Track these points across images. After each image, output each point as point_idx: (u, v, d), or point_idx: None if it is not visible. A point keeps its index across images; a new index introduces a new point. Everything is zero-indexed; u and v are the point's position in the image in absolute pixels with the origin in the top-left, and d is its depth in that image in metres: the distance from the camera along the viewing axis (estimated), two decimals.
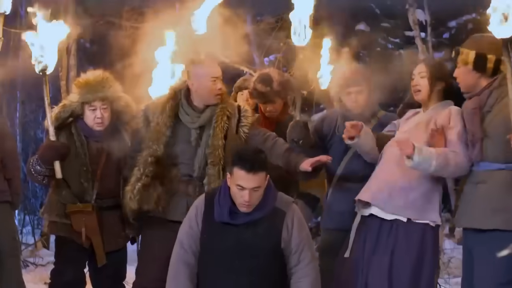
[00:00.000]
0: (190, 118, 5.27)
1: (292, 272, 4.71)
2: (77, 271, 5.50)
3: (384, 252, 4.96)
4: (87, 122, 5.50)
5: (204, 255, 4.70)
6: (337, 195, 5.52)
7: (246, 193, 4.54)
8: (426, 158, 4.74)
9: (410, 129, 5.09)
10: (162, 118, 5.23)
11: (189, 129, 5.28)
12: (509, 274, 4.61)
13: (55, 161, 5.34)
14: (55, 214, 5.49)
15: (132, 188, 5.20)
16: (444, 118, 4.94)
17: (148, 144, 5.22)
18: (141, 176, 5.19)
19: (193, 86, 5.26)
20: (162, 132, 5.22)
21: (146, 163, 5.19)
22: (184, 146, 5.26)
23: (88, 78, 5.51)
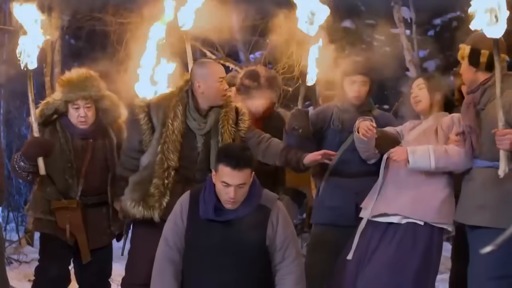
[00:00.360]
0: (197, 124, 5.22)
1: (276, 269, 4.71)
2: (61, 268, 5.48)
3: (387, 247, 5.04)
4: (71, 120, 5.48)
5: (189, 252, 4.69)
6: (329, 190, 5.51)
7: (232, 190, 4.53)
8: (422, 155, 4.93)
9: (419, 135, 5.20)
10: (177, 125, 5.16)
11: (195, 134, 5.23)
12: (500, 268, 4.68)
13: (38, 157, 5.33)
14: (40, 211, 5.48)
15: (159, 203, 5.11)
16: (448, 122, 5.11)
17: (167, 155, 5.13)
18: (165, 190, 5.13)
19: (200, 88, 5.17)
20: (178, 141, 5.17)
21: (169, 177, 5.13)
22: (188, 151, 5.21)
23: (71, 77, 5.48)
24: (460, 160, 4.92)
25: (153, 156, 5.18)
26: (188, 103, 5.22)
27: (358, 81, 5.44)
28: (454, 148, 4.96)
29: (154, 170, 5.15)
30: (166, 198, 5.13)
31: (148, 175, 5.18)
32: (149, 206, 5.13)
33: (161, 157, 5.14)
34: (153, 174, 5.15)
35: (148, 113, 5.22)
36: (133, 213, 5.16)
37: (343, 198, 5.28)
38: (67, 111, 5.49)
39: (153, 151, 5.19)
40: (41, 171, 5.35)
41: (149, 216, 5.13)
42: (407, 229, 5.04)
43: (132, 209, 5.16)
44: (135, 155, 5.28)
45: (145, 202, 5.14)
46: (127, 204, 5.18)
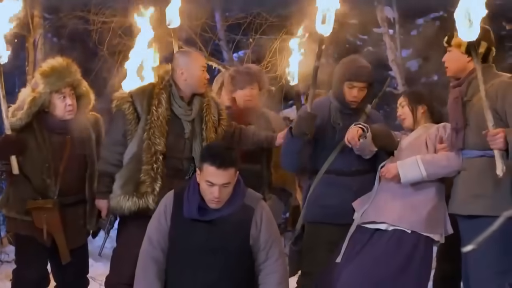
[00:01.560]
0: (184, 110, 5.29)
1: (260, 268, 4.71)
2: (40, 270, 5.40)
3: (371, 248, 5.09)
4: (57, 113, 5.38)
5: (172, 251, 4.68)
6: (324, 188, 5.41)
7: (216, 189, 4.53)
8: (411, 167, 5.04)
9: (410, 145, 5.27)
10: (162, 112, 5.22)
11: (181, 122, 5.28)
12: (503, 263, 4.77)
13: (11, 156, 5.25)
14: (14, 211, 5.37)
15: (152, 188, 5.14)
16: (435, 133, 5.21)
17: (153, 140, 5.17)
18: (155, 175, 5.15)
19: (183, 75, 5.26)
20: (164, 126, 5.21)
21: (158, 161, 5.16)
22: (175, 139, 5.26)
23: (54, 65, 5.40)
24: (449, 163, 4.99)
25: (139, 145, 5.19)
26: (172, 91, 5.28)
27: (358, 86, 5.41)
28: (441, 153, 5.06)
29: (141, 158, 5.17)
30: (158, 183, 5.15)
31: (136, 164, 5.19)
32: (142, 194, 5.14)
33: (148, 143, 5.17)
34: (141, 162, 5.16)
35: (132, 102, 5.25)
36: (128, 206, 5.15)
37: (340, 196, 5.27)
38: (49, 105, 5.39)
39: (138, 139, 5.20)
40: (14, 170, 5.26)
41: (144, 206, 5.13)
42: (393, 234, 5.09)
43: (126, 202, 5.15)
44: (119, 149, 5.27)
45: (138, 191, 5.15)
46: (120, 199, 5.17)
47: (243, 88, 5.88)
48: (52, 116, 5.40)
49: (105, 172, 5.29)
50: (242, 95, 5.88)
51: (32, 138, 5.35)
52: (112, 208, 5.25)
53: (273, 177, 5.79)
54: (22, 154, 5.28)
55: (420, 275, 5.10)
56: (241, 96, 5.89)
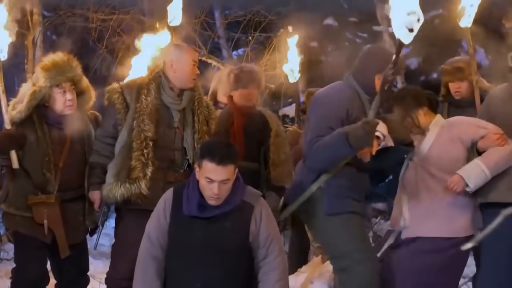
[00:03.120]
0: (173, 100, 5.33)
1: (260, 265, 4.70)
2: (39, 269, 5.38)
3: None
4: (56, 108, 5.37)
5: (172, 248, 4.68)
6: (346, 181, 5.09)
7: (215, 186, 4.53)
8: (478, 176, 5.00)
9: (437, 146, 5.17)
10: (151, 100, 5.25)
11: (171, 111, 5.32)
12: None
13: (10, 150, 5.25)
14: (13, 207, 5.36)
15: (143, 173, 5.17)
16: (466, 130, 5.15)
17: (142, 127, 5.20)
18: (146, 161, 5.18)
19: (172, 67, 5.31)
20: (153, 114, 5.24)
21: (148, 147, 5.19)
22: (165, 129, 5.30)
23: (55, 60, 5.40)
24: (509, 157, 5.05)
25: (129, 134, 5.23)
26: (161, 82, 5.33)
27: (390, 79, 5.20)
28: (497, 149, 5.04)
29: (132, 146, 5.20)
30: (149, 168, 5.18)
31: (127, 153, 5.21)
32: (134, 179, 5.17)
33: (138, 130, 5.21)
34: (132, 149, 5.20)
35: (122, 93, 5.31)
36: (121, 193, 5.17)
37: (361, 192, 5.17)
38: (49, 100, 5.39)
39: (128, 128, 5.24)
40: (14, 164, 5.25)
41: (137, 191, 5.15)
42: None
43: (118, 189, 5.17)
44: (110, 141, 5.30)
45: (129, 177, 5.18)
46: (112, 187, 5.19)
47: (246, 87, 5.89)
48: (52, 111, 5.40)
49: (97, 163, 5.33)
50: (245, 93, 5.89)
51: (32, 132, 5.34)
52: (104, 197, 5.27)
53: (271, 175, 5.80)
54: (22, 148, 5.28)
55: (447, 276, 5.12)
56: (243, 94, 5.90)
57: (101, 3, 10.92)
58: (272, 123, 5.96)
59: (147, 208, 5.09)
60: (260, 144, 5.84)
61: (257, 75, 5.94)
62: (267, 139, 5.86)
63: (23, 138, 5.29)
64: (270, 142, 5.85)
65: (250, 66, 6.16)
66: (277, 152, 5.83)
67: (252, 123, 5.85)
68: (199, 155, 4.67)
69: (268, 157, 5.85)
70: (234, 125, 5.83)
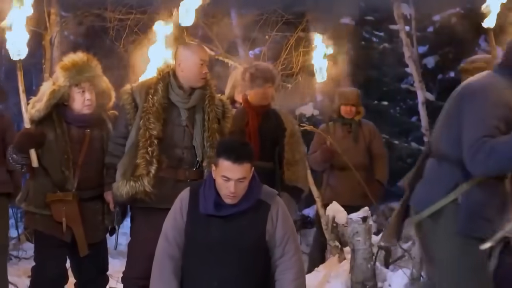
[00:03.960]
0: (181, 98, 5.34)
1: (276, 264, 4.70)
2: (58, 267, 5.41)
3: None
4: (75, 107, 5.42)
5: (189, 247, 4.69)
6: (485, 196, 4.26)
7: (232, 184, 4.53)
8: None
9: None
10: (157, 99, 5.27)
11: (179, 110, 5.33)
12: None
13: (30, 149, 5.28)
14: (33, 205, 5.40)
15: (147, 171, 5.20)
16: None
17: (148, 126, 5.23)
18: (151, 158, 5.21)
19: (180, 66, 5.33)
20: (160, 112, 5.26)
21: (153, 145, 5.22)
22: (174, 128, 5.32)
23: (74, 60, 5.44)
24: None
25: (136, 134, 5.27)
26: (170, 82, 5.35)
27: None
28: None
29: (138, 145, 5.23)
30: (153, 165, 5.20)
31: (134, 152, 5.25)
32: (138, 177, 5.20)
33: (143, 129, 5.25)
34: (138, 148, 5.23)
35: (132, 93, 5.35)
36: (126, 191, 5.20)
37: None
38: (68, 99, 5.43)
39: (136, 127, 5.28)
40: (34, 163, 5.29)
41: (141, 189, 5.18)
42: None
43: (124, 187, 5.20)
44: (122, 141, 5.35)
45: (134, 175, 5.21)
46: (119, 185, 5.23)
47: (261, 86, 5.89)
48: (71, 110, 5.44)
49: (111, 164, 5.37)
50: (260, 93, 5.90)
51: (51, 130, 5.39)
52: (114, 197, 5.32)
53: (285, 175, 5.80)
54: (41, 147, 5.32)
55: None
56: (258, 94, 5.90)
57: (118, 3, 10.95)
58: (287, 122, 5.96)
59: (157, 207, 5.13)
60: (275, 143, 5.84)
61: (271, 74, 5.94)
62: (282, 139, 5.86)
63: (42, 137, 5.32)
64: (284, 142, 5.85)
65: (264, 64, 6.15)
66: (291, 152, 5.84)
67: (267, 122, 5.86)
68: (216, 153, 4.69)
69: (282, 157, 5.85)
70: (249, 125, 5.85)
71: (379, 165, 7.97)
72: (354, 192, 7.63)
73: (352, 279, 6.02)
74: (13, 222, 10.66)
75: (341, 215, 6.61)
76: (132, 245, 5.35)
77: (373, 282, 5.98)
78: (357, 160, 7.81)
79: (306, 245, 10.35)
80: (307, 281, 4.96)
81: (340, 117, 7.97)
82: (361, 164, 7.85)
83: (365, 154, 7.94)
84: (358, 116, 7.99)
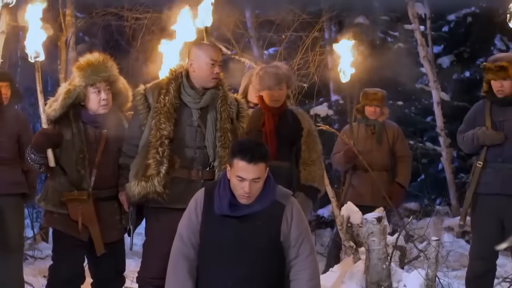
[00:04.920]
0: (192, 99, 5.33)
1: (291, 265, 4.70)
2: (75, 267, 5.43)
3: None
4: (91, 107, 5.45)
5: (203, 247, 4.69)
6: None
7: (246, 184, 4.54)
8: None
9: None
10: (169, 99, 5.27)
11: (191, 110, 5.33)
12: None
13: (47, 149, 5.31)
14: (51, 204, 5.43)
15: (157, 171, 5.18)
16: None
17: (158, 126, 5.23)
18: (161, 159, 5.20)
19: (192, 66, 5.33)
20: (171, 113, 5.26)
21: (164, 145, 5.21)
22: (186, 128, 5.31)
23: (90, 60, 5.47)
24: None
25: (148, 134, 5.27)
26: (183, 82, 5.35)
27: None
28: None
29: (150, 145, 5.23)
30: (164, 166, 5.19)
31: (145, 152, 5.25)
32: (148, 177, 5.19)
33: (155, 129, 5.24)
34: (149, 148, 5.23)
35: (145, 94, 5.36)
36: (138, 192, 5.20)
37: None
38: (84, 98, 5.47)
39: (148, 128, 5.28)
40: (51, 162, 5.32)
41: (152, 189, 5.18)
42: None
43: (136, 188, 5.20)
44: (136, 142, 5.35)
45: (145, 175, 5.20)
46: (131, 185, 5.24)
47: (271, 88, 5.88)
48: (86, 110, 5.47)
49: (125, 164, 5.38)
50: (270, 94, 5.89)
51: (68, 129, 5.42)
52: (127, 197, 5.33)
53: (302, 174, 5.79)
54: (58, 147, 5.35)
55: None
56: (268, 95, 5.90)
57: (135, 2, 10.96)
58: (304, 122, 5.95)
59: (171, 207, 5.14)
60: (291, 143, 5.84)
61: (282, 75, 5.92)
62: (299, 138, 5.85)
63: (59, 137, 5.36)
64: (301, 141, 5.85)
65: (276, 65, 6.11)
66: (308, 152, 5.82)
67: (283, 122, 5.86)
68: (230, 153, 4.69)
69: (299, 156, 5.85)
70: (265, 125, 5.84)
71: (402, 168, 7.94)
72: (376, 193, 7.61)
73: (367, 280, 6.01)
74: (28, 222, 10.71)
75: (356, 215, 6.59)
76: (146, 245, 5.36)
77: (388, 283, 5.96)
78: (380, 162, 7.80)
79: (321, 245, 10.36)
80: (322, 281, 4.95)
81: (364, 117, 7.95)
82: (384, 166, 7.84)
83: (388, 156, 7.91)
84: (382, 117, 7.97)
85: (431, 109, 12.61)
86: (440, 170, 13.27)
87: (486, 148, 6.08)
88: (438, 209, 12.05)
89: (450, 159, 11.93)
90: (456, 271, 8.18)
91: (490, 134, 6.05)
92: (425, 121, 13.90)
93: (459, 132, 6.30)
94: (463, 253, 8.85)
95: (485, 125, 6.09)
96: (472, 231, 6.37)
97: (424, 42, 11.93)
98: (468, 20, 13.93)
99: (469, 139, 6.14)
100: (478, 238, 6.16)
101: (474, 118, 6.23)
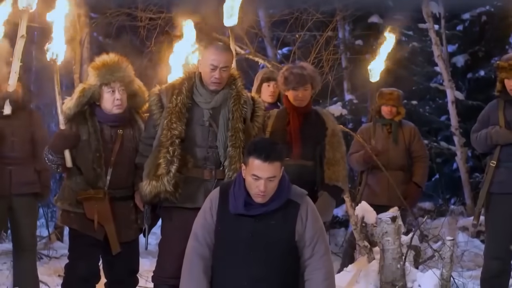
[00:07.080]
0: (204, 99, 5.34)
1: (306, 264, 4.71)
2: (91, 266, 5.47)
3: None
4: (105, 106, 5.48)
5: (218, 246, 4.71)
6: None
7: (262, 183, 4.55)
8: None
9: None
10: (181, 99, 5.28)
11: (203, 110, 5.33)
12: None
13: (65, 150, 5.35)
14: (67, 203, 5.47)
15: (167, 170, 5.19)
16: None
17: (170, 126, 5.24)
18: (172, 158, 5.21)
19: (200, 66, 5.35)
20: (182, 113, 5.27)
21: (174, 145, 5.22)
22: (198, 128, 5.31)
23: (105, 60, 5.51)
24: None
25: (161, 134, 5.29)
26: (195, 82, 5.36)
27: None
28: None
29: (161, 144, 5.25)
30: (174, 165, 5.20)
31: (157, 152, 5.27)
32: (158, 176, 5.20)
33: (166, 129, 5.26)
34: (161, 148, 5.24)
35: (159, 95, 5.37)
36: (149, 191, 5.22)
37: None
38: (100, 98, 5.50)
39: (161, 128, 5.30)
40: (68, 163, 5.37)
41: (162, 188, 5.19)
42: None
43: (147, 187, 5.23)
44: (151, 142, 5.37)
45: (155, 174, 5.22)
46: (143, 185, 5.26)
47: (296, 89, 5.89)
48: (102, 109, 5.51)
49: (141, 164, 5.40)
50: (295, 95, 5.90)
51: (84, 128, 5.46)
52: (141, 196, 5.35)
53: (326, 174, 5.79)
54: (75, 147, 5.38)
55: None
56: (293, 96, 5.90)
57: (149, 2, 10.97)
58: (329, 122, 5.96)
59: (184, 206, 5.17)
60: (316, 142, 5.84)
61: (308, 76, 5.92)
62: (323, 138, 5.86)
63: (76, 138, 5.40)
64: (326, 141, 5.85)
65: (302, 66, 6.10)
66: (332, 151, 5.82)
67: (308, 122, 5.88)
68: (246, 152, 4.70)
69: (323, 156, 5.85)
70: (290, 125, 5.86)
71: (418, 168, 7.92)
72: (392, 193, 7.59)
73: (381, 279, 6.01)
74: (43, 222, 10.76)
75: (370, 215, 6.59)
76: (162, 244, 5.38)
77: (403, 282, 5.96)
78: (396, 161, 7.79)
79: (335, 244, 10.36)
80: (336, 281, 4.96)
81: (380, 117, 7.95)
82: (400, 165, 7.83)
83: (405, 155, 7.89)
84: (399, 117, 7.96)
85: (445, 108, 12.57)
86: (455, 170, 13.24)
87: (499, 147, 6.06)
88: (452, 208, 12.03)
89: (465, 159, 11.89)
90: (471, 271, 8.16)
91: (504, 133, 6.03)
92: (440, 120, 13.86)
93: (473, 131, 6.28)
94: (478, 253, 8.83)
95: (498, 124, 6.08)
96: (486, 230, 6.36)
97: (438, 41, 11.89)
98: (483, 19, 13.87)
99: (482, 139, 6.12)
100: (492, 237, 6.14)
101: (488, 117, 6.21)
